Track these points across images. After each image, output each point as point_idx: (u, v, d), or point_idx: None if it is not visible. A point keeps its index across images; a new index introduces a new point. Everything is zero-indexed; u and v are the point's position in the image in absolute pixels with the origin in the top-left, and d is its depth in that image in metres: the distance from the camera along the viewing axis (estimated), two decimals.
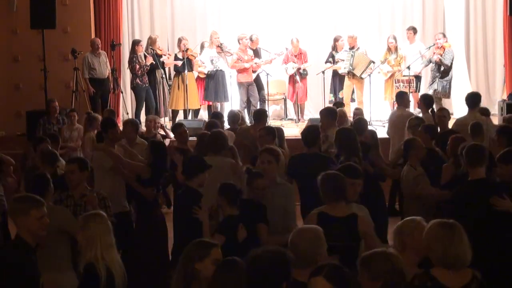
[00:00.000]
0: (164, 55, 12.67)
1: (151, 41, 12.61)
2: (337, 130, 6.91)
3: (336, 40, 12.99)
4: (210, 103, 12.92)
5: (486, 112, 9.12)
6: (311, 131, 6.87)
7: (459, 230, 3.85)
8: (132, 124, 7.89)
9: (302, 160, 6.64)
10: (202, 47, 13.00)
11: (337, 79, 12.95)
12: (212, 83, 12.61)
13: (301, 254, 3.84)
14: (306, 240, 3.92)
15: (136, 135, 7.75)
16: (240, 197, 5.29)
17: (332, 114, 8.12)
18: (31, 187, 5.49)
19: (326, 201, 4.81)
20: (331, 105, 12.24)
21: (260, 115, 8.70)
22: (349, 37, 12.83)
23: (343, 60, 12.62)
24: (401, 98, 9.91)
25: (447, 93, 12.28)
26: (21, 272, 4.01)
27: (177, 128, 8.29)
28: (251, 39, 12.79)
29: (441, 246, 3.78)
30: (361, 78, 12.49)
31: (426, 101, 9.52)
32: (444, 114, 8.86)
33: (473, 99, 8.98)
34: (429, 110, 9.40)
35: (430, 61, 12.40)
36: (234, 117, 9.36)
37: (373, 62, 12.46)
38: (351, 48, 12.71)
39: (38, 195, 4.49)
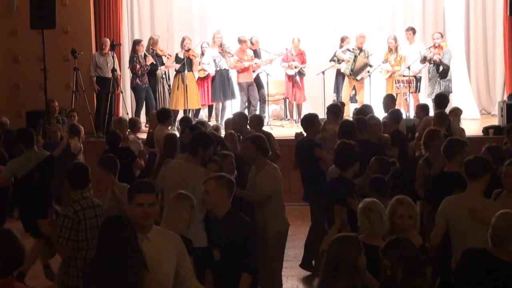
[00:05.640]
0: (165, 55, 12.69)
1: (153, 42, 12.65)
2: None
3: (342, 40, 12.99)
4: (213, 103, 12.91)
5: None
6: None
7: None
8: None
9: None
10: (201, 47, 13.00)
11: (341, 79, 12.96)
12: (219, 84, 12.60)
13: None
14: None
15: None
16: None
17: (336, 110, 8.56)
18: None
19: None
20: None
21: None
22: (357, 38, 12.78)
23: (344, 61, 12.63)
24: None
25: (449, 93, 12.26)
26: None
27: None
28: (251, 42, 12.80)
29: None
30: (357, 80, 12.53)
31: (436, 101, 9.46)
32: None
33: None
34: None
35: (425, 58, 12.35)
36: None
37: (370, 66, 12.44)
38: (359, 48, 12.68)
39: None
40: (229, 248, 4.74)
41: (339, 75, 12.98)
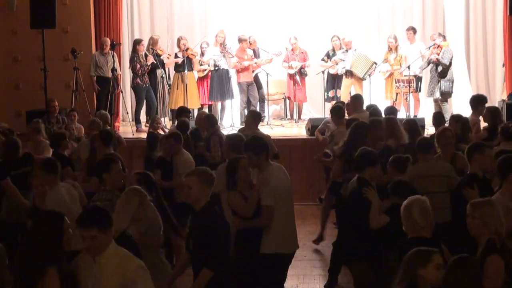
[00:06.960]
0: (165, 55, 12.69)
1: (153, 42, 12.65)
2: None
3: (331, 39, 13.05)
4: (211, 102, 12.91)
5: None
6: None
7: None
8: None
9: None
10: (201, 47, 13.00)
11: (329, 78, 12.96)
12: (216, 83, 12.57)
13: None
14: None
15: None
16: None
17: (339, 112, 8.74)
18: None
19: None
20: (329, 103, 12.35)
21: None
22: (343, 40, 12.85)
23: (343, 60, 12.64)
24: None
25: (450, 93, 12.25)
26: None
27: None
28: (249, 41, 12.80)
29: None
30: (363, 79, 12.50)
31: (473, 103, 9.24)
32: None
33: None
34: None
35: (429, 62, 12.36)
36: None
37: (376, 64, 12.46)
38: (348, 50, 12.70)
39: None
40: (199, 240, 4.86)
41: (329, 75, 12.97)
